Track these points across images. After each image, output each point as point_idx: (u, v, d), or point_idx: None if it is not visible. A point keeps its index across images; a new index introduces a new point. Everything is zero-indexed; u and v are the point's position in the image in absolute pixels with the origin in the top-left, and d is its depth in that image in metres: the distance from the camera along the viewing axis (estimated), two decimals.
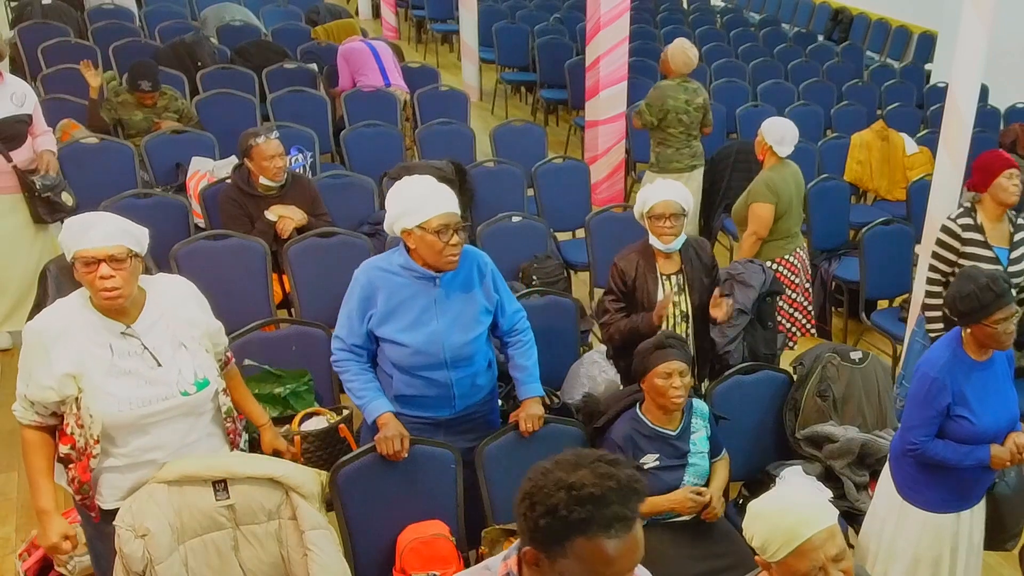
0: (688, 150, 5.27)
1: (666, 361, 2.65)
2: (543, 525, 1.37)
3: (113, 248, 2.17)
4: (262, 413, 2.73)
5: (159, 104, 5.24)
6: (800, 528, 1.78)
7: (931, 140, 6.07)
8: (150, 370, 2.27)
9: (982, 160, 3.58)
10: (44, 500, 2.30)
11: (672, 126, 5.19)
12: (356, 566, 2.62)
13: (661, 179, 5.16)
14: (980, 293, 2.53)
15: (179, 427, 2.35)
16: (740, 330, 3.58)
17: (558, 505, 1.35)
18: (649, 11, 10.19)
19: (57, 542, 2.30)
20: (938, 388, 2.58)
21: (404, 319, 2.63)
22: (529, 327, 2.92)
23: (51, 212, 4.35)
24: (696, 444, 2.80)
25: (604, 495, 1.35)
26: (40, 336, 2.20)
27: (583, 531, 1.35)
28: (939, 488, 2.69)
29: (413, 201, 2.56)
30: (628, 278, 3.25)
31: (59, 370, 2.18)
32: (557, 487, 1.37)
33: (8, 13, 8.87)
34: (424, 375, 2.68)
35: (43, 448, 2.32)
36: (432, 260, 2.59)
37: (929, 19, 9.73)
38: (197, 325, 2.39)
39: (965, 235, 3.56)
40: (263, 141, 3.93)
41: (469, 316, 2.70)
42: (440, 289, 2.65)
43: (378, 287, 2.64)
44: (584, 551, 1.36)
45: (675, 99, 5.16)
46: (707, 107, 5.33)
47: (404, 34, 11.18)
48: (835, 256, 5.11)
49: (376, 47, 6.28)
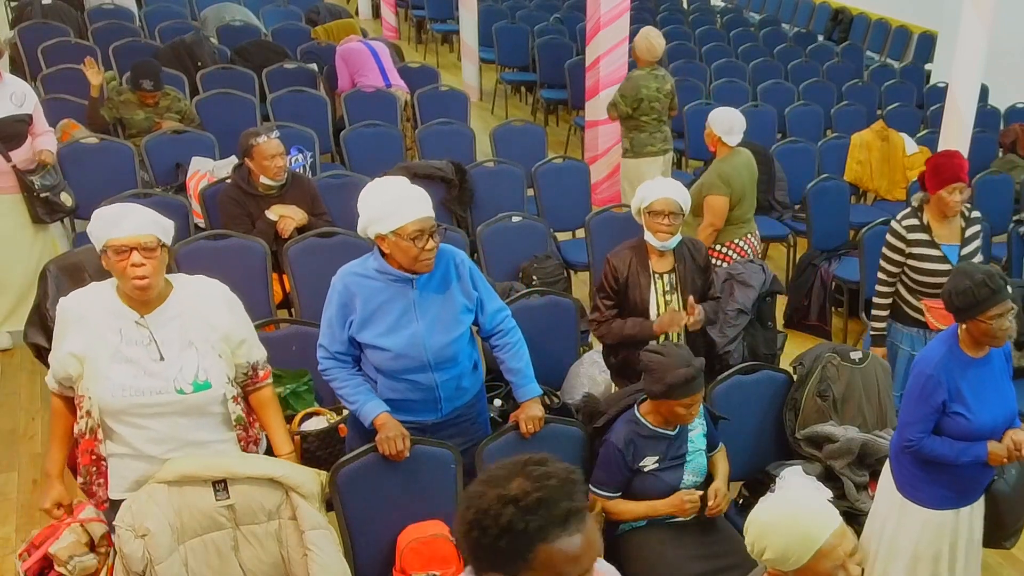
0: (660, 134, 5.56)
1: (691, 395, 2.62)
2: (503, 546, 1.32)
3: (144, 237, 2.25)
4: (284, 443, 2.63)
5: (161, 104, 5.24)
6: (816, 531, 1.78)
7: (931, 140, 6.06)
8: (151, 362, 2.31)
9: (935, 164, 3.53)
10: (49, 464, 2.48)
11: (646, 113, 5.46)
12: (356, 566, 2.61)
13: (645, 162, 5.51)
14: (976, 289, 2.53)
15: (178, 424, 2.36)
16: (740, 330, 3.58)
17: (511, 521, 1.31)
18: (649, 11, 10.20)
19: (49, 507, 2.44)
20: (933, 385, 2.58)
21: (383, 323, 2.60)
22: (515, 327, 2.87)
23: (50, 212, 4.36)
24: (694, 442, 2.80)
25: (550, 496, 1.33)
26: (64, 313, 2.33)
27: (543, 538, 1.32)
28: (939, 485, 2.70)
29: (386, 206, 2.50)
30: (620, 275, 3.24)
31: (67, 349, 2.29)
32: (502, 504, 1.32)
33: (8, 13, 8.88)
34: (408, 378, 2.65)
35: (62, 416, 2.46)
36: (407, 264, 2.55)
37: (929, 19, 9.73)
38: (216, 329, 2.40)
39: (910, 236, 3.58)
40: (264, 141, 3.93)
41: (449, 316, 2.67)
42: (417, 291, 2.62)
43: (355, 293, 2.61)
44: (548, 557, 1.32)
45: (647, 87, 5.42)
46: (674, 93, 5.65)
47: (404, 34, 11.18)
48: (835, 256, 5.11)
49: (375, 47, 6.28)
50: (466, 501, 1.38)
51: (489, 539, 1.33)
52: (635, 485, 2.74)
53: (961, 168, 3.49)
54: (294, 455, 2.69)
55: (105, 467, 2.38)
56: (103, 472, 2.38)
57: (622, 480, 2.73)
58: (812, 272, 5.08)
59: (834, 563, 1.76)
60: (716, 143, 4.28)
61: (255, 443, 2.61)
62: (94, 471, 2.38)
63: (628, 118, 5.49)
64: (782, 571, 1.82)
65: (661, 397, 2.64)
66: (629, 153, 5.61)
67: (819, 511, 1.81)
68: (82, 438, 2.36)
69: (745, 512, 3.05)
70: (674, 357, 2.62)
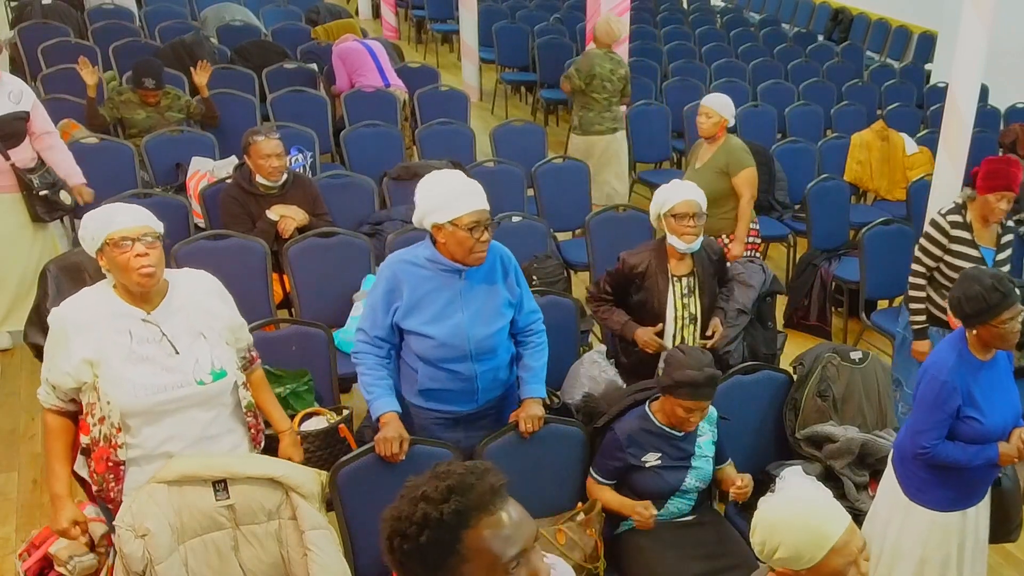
0: (609, 114, 5.84)
1: (694, 399, 2.64)
2: (426, 543, 1.28)
3: (144, 228, 2.26)
4: (283, 419, 2.71)
5: (162, 103, 5.24)
6: (829, 528, 1.77)
7: (931, 140, 6.06)
8: (167, 357, 2.30)
9: (990, 167, 3.50)
10: (58, 485, 2.36)
11: (597, 91, 5.75)
12: (356, 566, 2.61)
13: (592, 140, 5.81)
14: (987, 294, 2.52)
15: (196, 418, 2.37)
16: (740, 330, 3.58)
17: (427, 515, 1.28)
18: (649, 11, 10.20)
19: (67, 527, 2.36)
20: (948, 391, 2.56)
21: (429, 311, 2.65)
22: (544, 331, 2.92)
23: (50, 211, 4.35)
24: (701, 447, 2.80)
25: (460, 482, 1.30)
26: (63, 321, 2.26)
27: (465, 522, 1.28)
28: (947, 487, 2.69)
29: (445, 196, 2.56)
30: (636, 273, 3.24)
31: (77, 356, 2.24)
32: (413, 505, 1.30)
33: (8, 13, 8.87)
34: (449, 368, 2.70)
35: (62, 434, 2.38)
36: (461, 256, 2.60)
37: (929, 19, 9.73)
38: (219, 317, 2.42)
39: (953, 232, 3.56)
40: (262, 139, 3.94)
41: (491, 309, 2.72)
42: (465, 282, 2.67)
43: (403, 280, 2.65)
44: (477, 541, 1.28)
45: (601, 67, 5.73)
46: (627, 79, 5.93)
47: (404, 34, 11.18)
48: (835, 256, 5.11)
49: (372, 46, 6.27)
50: (383, 522, 1.35)
51: (411, 542, 1.29)
52: (635, 480, 2.75)
53: (1015, 178, 3.47)
54: (293, 432, 2.72)
55: (123, 472, 2.35)
56: (121, 478, 2.36)
57: (614, 469, 2.76)
58: (812, 272, 5.08)
59: (847, 560, 1.75)
60: (722, 128, 4.37)
61: (262, 432, 2.62)
62: (111, 477, 2.35)
63: (580, 94, 5.77)
64: (793, 570, 1.79)
65: (667, 391, 2.67)
66: (577, 131, 5.92)
67: (831, 508, 1.81)
68: (96, 446, 2.32)
69: (745, 512, 3.06)
70: (694, 360, 2.64)
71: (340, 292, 3.89)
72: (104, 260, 2.27)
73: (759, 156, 5.67)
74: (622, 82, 5.83)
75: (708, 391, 2.64)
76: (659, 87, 7.38)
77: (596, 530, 2.75)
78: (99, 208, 2.31)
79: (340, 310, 3.84)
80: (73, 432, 2.39)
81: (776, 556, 1.80)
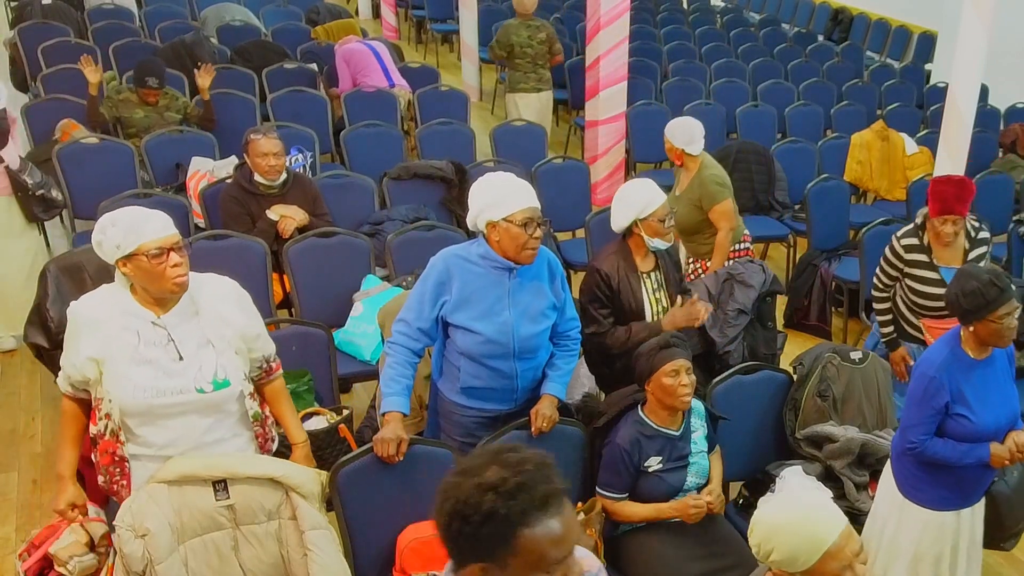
0: (534, 75, 6.60)
1: (672, 360, 2.65)
2: (485, 533, 1.33)
3: (175, 236, 2.28)
4: (299, 431, 2.68)
5: (160, 103, 5.24)
6: (824, 532, 1.77)
7: (931, 140, 6.06)
8: (171, 362, 2.31)
9: (933, 188, 3.41)
10: (62, 466, 2.45)
11: (519, 57, 6.54)
12: (356, 566, 2.61)
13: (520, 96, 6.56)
14: (984, 289, 2.52)
15: (197, 424, 2.36)
16: (740, 330, 3.58)
17: (492, 507, 1.32)
18: (649, 11, 10.20)
19: (64, 508, 2.44)
20: (936, 387, 2.57)
21: (477, 308, 2.68)
22: (580, 339, 2.97)
23: (46, 209, 4.34)
24: (696, 444, 2.80)
25: (528, 480, 1.34)
26: (76, 316, 2.31)
27: (524, 522, 1.33)
28: (941, 486, 2.69)
29: (499, 194, 2.62)
30: (613, 281, 3.19)
31: (84, 353, 2.27)
32: (481, 492, 1.33)
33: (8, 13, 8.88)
34: (492, 365, 2.73)
35: (74, 419, 2.44)
36: (513, 253, 2.64)
37: (929, 19, 9.73)
38: (231, 325, 2.41)
39: (907, 256, 3.54)
40: (261, 138, 3.95)
41: (537, 309, 2.76)
42: (514, 280, 2.71)
43: (454, 274, 2.69)
44: (531, 540, 1.34)
45: (518, 36, 6.48)
46: (552, 40, 6.59)
47: (404, 34, 11.18)
48: (835, 256, 5.10)
49: (375, 47, 6.28)
50: (443, 493, 1.38)
51: (471, 528, 1.33)
52: (639, 486, 2.74)
53: (959, 200, 3.34)
54: (307, 444, 2.70)
55: (128, 468, 2.37)
56: (126, 473, 2.38)
57: (629, 481, 2.73)
58: (812, 272, 5.08)
59: (841, 564, 1.76)
60: (680, 156, 4.11)
61: (272, 441, 2.61)
62: (116, 471, 2.37)
63: (508, 58, 6.59)
64: (789, 572, 1.81)
65: (648, 375, 2.67)
66: (508, 88, 6.72)
67: (827, 511, 1.81)
68: (101, 439, 2.35)
69: (745, 512, 3.06)
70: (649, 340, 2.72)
71: (340, 292, 3.89)
72: (129, 267, 2.25)
73: (759, 156, 5.70)
74: (544, 44, 6.49)
75: (679, 351, 2.67)
76: (659, 87, 7.38)
77: (596, 530, 2.75)
78: (116, 214, 2.27)
79: (340, 310, 3.85)
80: (84, 421, 2.44)
81: (772, 559, 1.82)
